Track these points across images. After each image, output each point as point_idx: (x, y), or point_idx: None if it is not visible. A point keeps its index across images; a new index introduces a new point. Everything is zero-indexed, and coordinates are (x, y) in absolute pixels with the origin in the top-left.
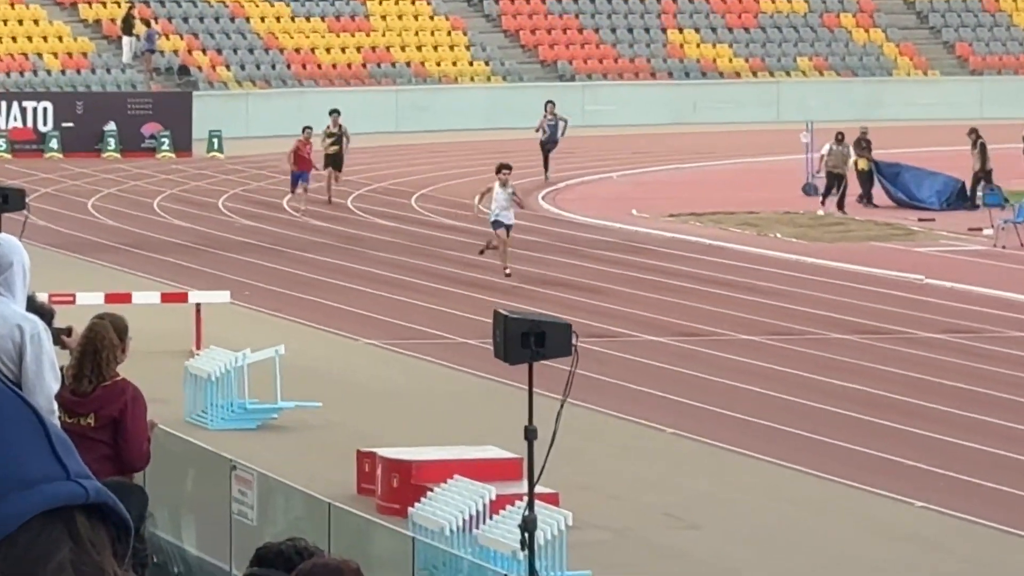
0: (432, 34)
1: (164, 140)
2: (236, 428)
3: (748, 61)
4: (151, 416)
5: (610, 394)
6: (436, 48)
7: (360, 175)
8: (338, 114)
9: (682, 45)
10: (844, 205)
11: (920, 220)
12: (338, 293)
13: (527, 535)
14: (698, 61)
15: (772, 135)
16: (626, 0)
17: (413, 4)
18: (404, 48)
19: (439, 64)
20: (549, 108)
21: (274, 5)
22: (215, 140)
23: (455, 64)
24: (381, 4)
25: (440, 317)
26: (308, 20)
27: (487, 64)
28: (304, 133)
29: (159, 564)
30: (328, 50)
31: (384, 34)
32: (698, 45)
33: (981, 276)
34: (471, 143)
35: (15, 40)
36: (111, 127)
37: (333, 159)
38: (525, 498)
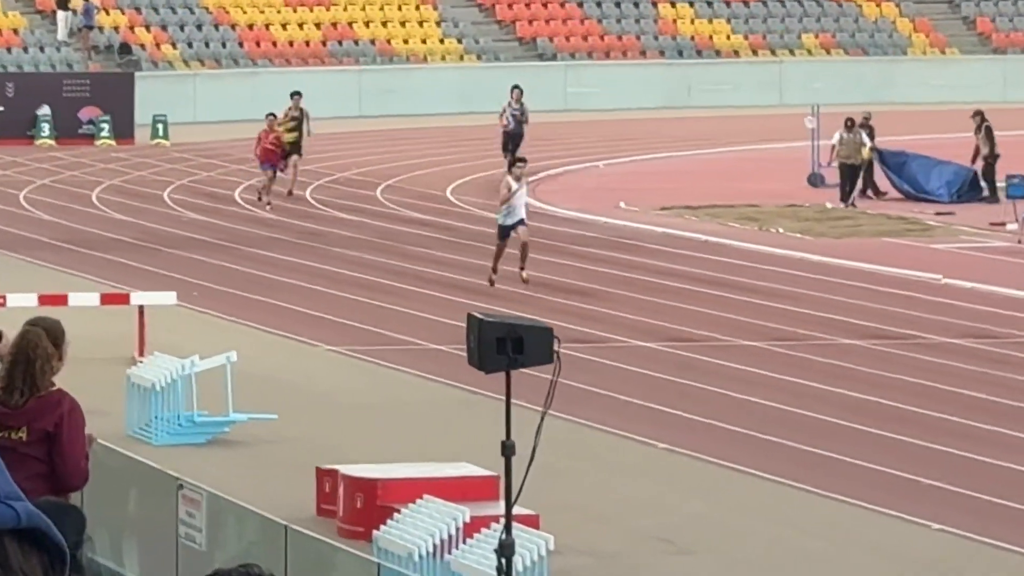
0: (399, 8)
1: (103, 126)
2: (183, 443)
3: (748, 38)
4: (89, 430)
5: (596, 405)
6: (403, 24)
7: (320, 164)
8: (299, 96)
9: (675, 21)
10: (850, 198)
11: (937, 214)
12: (296, 294)
13: (504, 561)
14: (693, 38)
15: (774, 120)
16: None
17: None
18: (368, 24)
19: (407, 41)
20: (515, 95)
21: None
22: (160, 126)
23: (424, 41)
24: None
25: (408, 320)
26: None
27: (460, 41)
28: (267, 120)
29: None
30: (284, 26)
31: (346, 8)
32: (693, 21)
33: (1005, 275)
34: (442, 129)
35: None
36: (45, 111)
37: (293, 145)
38: (502, 520)
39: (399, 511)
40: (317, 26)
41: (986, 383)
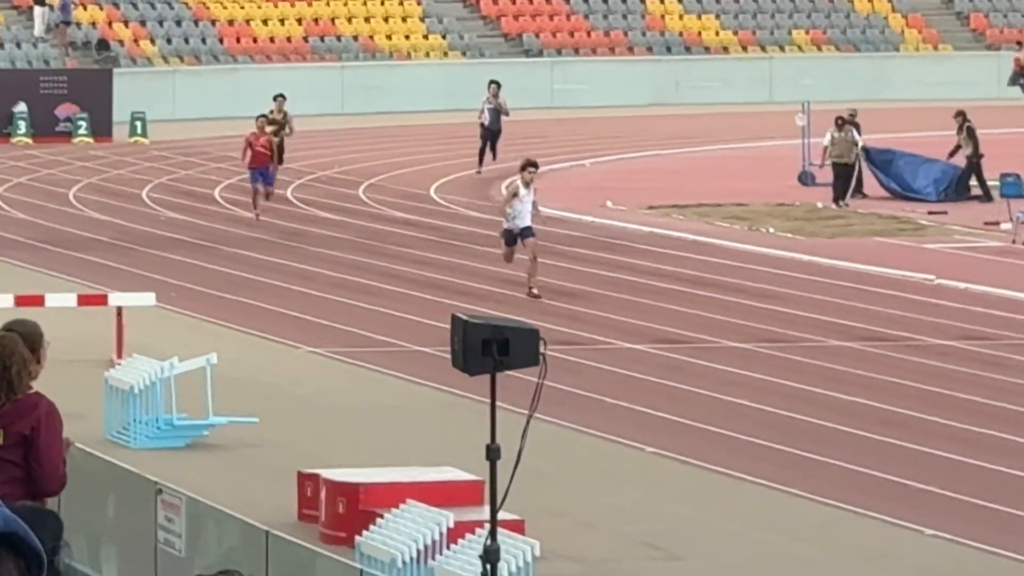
0: (382, 4)
1: (81, 123)
2: (162, 447)
3: (737, 34)
4: (67, 433)
5: (583, 408)
6: (387, 20)
7: (302, 162)
8: (283, 99)
9: (663, 16)
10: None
11: (930, 213)
12: (277, 295)
13: (489, 567)
14: (681, 34)
15: (764, 118)
16: None
17: None
18: (351, 20)
19: (390, 38)
20: (492, 90)
21: None
22: (138, 123)
23: (408, 38)
24: None
25: (391, 322)
26: None
27: (444, 38)
28: (257, 122)
29: None
30: (265, 22)
31: (328, 4)
32: (681, 16)
33: (999, 276)
34: (426, 126)
35: None
36: (21, 108)
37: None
38: (487, 526)
39: (382, 516)
40: (299, 22)
41: (979, 386)
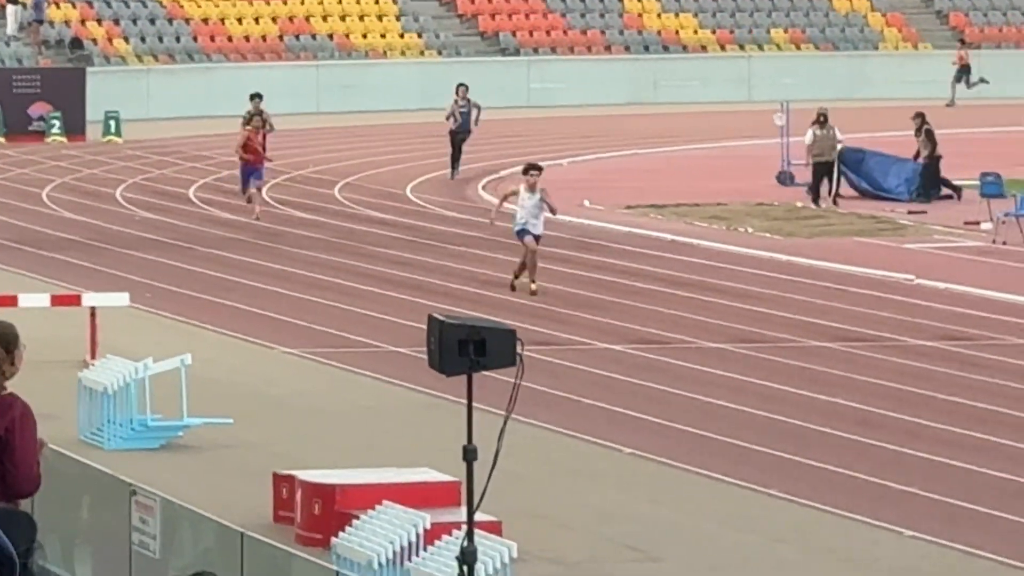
0: (358, 2)
1: (54, 122)
2: (136, 448)
3: (716, 33)
4: (41, 435)
5: (560, 409)
6: (362, 18)
7: (277, 162)
8: (260, 99)
9: (641, 15)
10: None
11: (910, 213)
12: (252, 295)
13: (466, 569)
14: (659, 33)
15: (743, 117)
16: None
17: None
18: (326, 18)
19: (366, 36)
20: (461, 92)
21: None
22: (112, 122)
23: (384, 36)
24: None
25: (367, 322)
26: None
27: (420, 36)
28: (253, 122)
29: None
30: (240, 20)
31: (303, 2)
32: (659, 15)
33: (979, 276)
34: (402, 125)
35: None
36: None
37: None
38: (464, 527)
39: (358, 517)
40: (274, 20)
41: (959, 386)
